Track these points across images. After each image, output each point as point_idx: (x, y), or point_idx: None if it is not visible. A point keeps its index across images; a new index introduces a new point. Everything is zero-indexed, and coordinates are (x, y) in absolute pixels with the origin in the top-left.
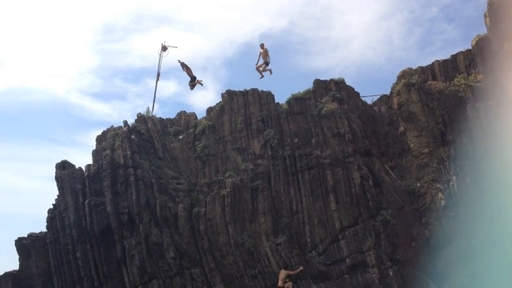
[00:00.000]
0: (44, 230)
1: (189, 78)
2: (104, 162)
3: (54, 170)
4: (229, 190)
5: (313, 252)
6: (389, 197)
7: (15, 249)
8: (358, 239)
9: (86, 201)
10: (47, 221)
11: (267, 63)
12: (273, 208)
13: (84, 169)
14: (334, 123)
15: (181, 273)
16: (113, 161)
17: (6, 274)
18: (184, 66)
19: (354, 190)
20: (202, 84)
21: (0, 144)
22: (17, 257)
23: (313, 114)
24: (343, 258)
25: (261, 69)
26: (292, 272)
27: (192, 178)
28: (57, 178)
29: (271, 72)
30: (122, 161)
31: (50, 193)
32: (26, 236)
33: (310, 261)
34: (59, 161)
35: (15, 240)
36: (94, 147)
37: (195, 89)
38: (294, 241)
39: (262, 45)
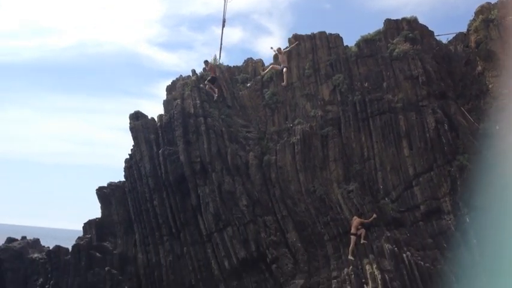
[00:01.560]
0: (123, 179)
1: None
2: (175, 112)
3: (128, 120)
4: (299, 137)
5: (386, 199)
6: (466, 142)
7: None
8: (433, 185)
9: (159, 151)
10: (124, 171)
11: (286, 68)
12: (343, 155)
13: (156, 119)
14: (407, 65)
15: (254, 221)
16: (183, 111)
17: (90, 222)
18: (207, 64)
19: (428, 135)
20: (214, 95)
21: (75, 97)
22: (99, 205)
23: (384, 57)
24: (418, 205)
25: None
26: (365, 220)
27: (262, 126)
28: (131, 129)
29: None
30: (192, 111)
31: (126, 143)
32: (106, 185)
33: (383, 208)
34: (132, 112)
35: (96, 190)
36: (164, 98)
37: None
38: (366, 188)
39: (279, 50)
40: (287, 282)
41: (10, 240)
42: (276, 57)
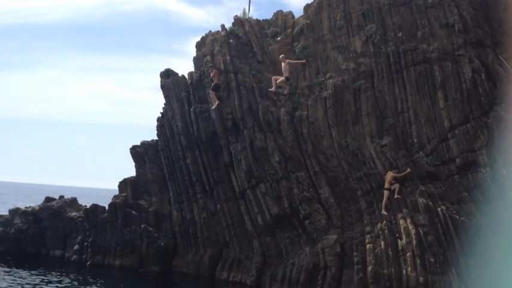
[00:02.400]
0: (156, 138)
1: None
2: (205, 69)
3: (159, 79)
4: (330, 92)
5: (421, 152)
6: (504, 91)
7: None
8: (469, 137)
9: (191, 109)
10: (157, 129)
11: (287, 78)
12: (376, 109)
13: (187, 77)
14: (442, 13)
15: (287, 177)
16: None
17: (125, 180)
18: (212, 69)
19: (464, 85)
20: (214, 104)
21: (105, 56)
22: (133, 164)
23: (419, 4)
24: (453, 158)
25: (279, 83)
26: (399, 175)
27: (293, 81)
28: (162, 87)
29: (286, 91)
30: (222, 67)
31: (158, 102)
32: (139, 144)
33: (417, 162)
34: (163, 70)
35: (130, 148)
36: (194, 54)
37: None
38: (399, 142)
39: (283, 58)
40: (320, 237)
41: (48, 199)
42: (306, 10)
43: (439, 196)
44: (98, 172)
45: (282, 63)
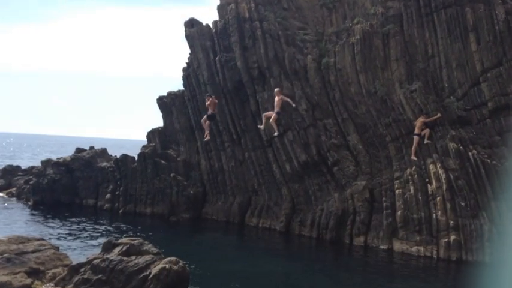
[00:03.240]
0: (182, 88)
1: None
2: (230, 17)
3: (184, 28)
4: (358, 37)
5: (451, 97)
6: None
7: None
8: (501, 80)
9: (216, 58)
10: (183, 79)
11: (278, 113)
12: (406, 53)
13: (211, 26)
14: None
15: (314, 124)
16: (238, 16)
17: (154, 131)
18: (209, 98)
19: (497, 27)
20: (206, 134)
21: (128, 8)
22: (161, 114)
23: None
24: (485, 102)
25: (271, 122)
26: (429, 119)
27: (319, 27)
28: (187, 36)
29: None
30: (247, 15)
31: (183, 52)
32: (165, 94)
33: (448, 107)
34: (187, 19)
35: (157, 99)
36: (218, 3)
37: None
38: (430, 87)
39: (278, 92)
40: (349, 183)
41: (79, 150)
42: None
43: (470, 140)
44: (126, 123)
45: (276, 97)
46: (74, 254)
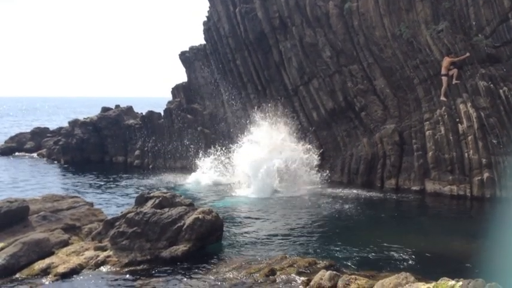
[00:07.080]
0: (203, 42)
1: None
2: None
3: None
4: None
5: (480, 35)
6: None
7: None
8: None
9: (236, 10)
10: (204, 33)
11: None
12: None
13: None
14: None
15: (339, 71)
16: None
17: (178, 86)
18: None
19: None
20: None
21: None
22: (184, 70)
23: None
24: None
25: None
26: (456, 59)
27: None
28: None
29: None
30: None
31: (203, 6)
32: (187, 49)
33: (476, 45)
34: None
35: (179, 54)
36: None
37: None
38: (456, 26)
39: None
40: (377, 128)
41: (105, 109)
42: None
43: (500, 78)
44: (149, 81)
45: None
46: (108, 209)
